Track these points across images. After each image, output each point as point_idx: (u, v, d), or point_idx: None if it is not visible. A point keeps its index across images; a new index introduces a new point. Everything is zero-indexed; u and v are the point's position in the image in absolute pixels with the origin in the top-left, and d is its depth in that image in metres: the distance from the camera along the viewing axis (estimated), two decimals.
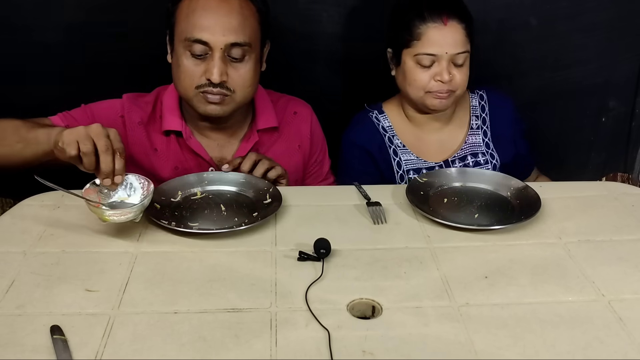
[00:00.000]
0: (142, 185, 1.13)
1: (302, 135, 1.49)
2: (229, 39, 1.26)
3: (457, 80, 1.41)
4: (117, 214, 1.06)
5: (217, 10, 1.26)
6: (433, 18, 1.37)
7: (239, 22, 1.27)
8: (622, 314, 0.91)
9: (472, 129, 1.55)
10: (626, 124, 1.90)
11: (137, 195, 1.12)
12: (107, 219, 1.06)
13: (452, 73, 1.39)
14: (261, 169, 1.28)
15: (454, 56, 1.39)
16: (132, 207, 1.07)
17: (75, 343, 0.83)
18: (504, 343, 0.85)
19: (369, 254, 1.05)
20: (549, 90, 1.80)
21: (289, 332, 0.86)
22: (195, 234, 1.09)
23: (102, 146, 1.07)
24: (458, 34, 1.38)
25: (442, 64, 1.39)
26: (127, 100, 1.40)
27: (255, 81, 1.34)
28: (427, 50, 1.38)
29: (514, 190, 1.25)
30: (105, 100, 1.40)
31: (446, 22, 1.37)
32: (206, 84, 1.27)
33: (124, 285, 0.96)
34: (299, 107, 1.50)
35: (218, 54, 1.26)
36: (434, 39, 1.38)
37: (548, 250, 1.07)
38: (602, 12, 1.71)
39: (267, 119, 1.43)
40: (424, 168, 1.51)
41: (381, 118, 1.54)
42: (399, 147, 1.52)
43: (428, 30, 1.37)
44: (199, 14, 1.26)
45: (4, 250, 1.05)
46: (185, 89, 1.30)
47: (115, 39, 1.60)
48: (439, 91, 1.42)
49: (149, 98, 1.42)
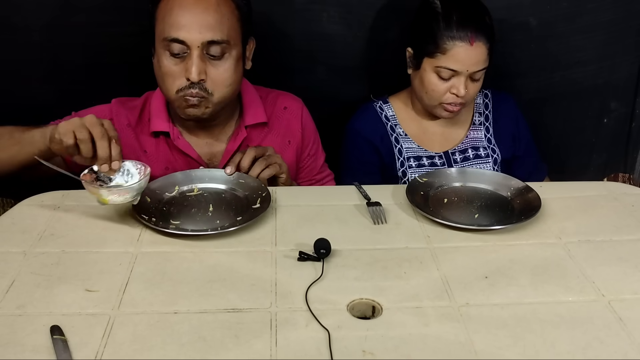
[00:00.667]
0: (139, 170, 1.15)
1: (293, 131, 1.48)
2: (206, 36, 1.25)
3: (470, 94, 1.46)
4: (115, 195, 1.09)
5: (194, 8, 1.26)
6: (461, 36, 1.39)
7: (216, 20, 1.26)
8: (622, 314, 0.91)
9: (474, 124, 1.58)
10: (627, 124, 1.90)
11: (135, 181, 1.14)
12: (106, 200, 1.08)
13: (467, 87, 1.42)
14: (257, 169, 1.27)
15: (474, 73, 1.42)
16: (131, 186, 1.10)
17: (75, 343, 0.83)
18: (504, 343, 0.85)
19: (369, 254, 1.05)
20: (549, 91, 1.80)
21: (289, 332, 0.86)
22: (192, 235, 1.09)
23: (98, 133, 1.09)
24: (482, 53, 1.41)
25: (460, 79, 1.43)
26: (115, 104, 1.41)
27: (235, 79, 1.33)
28: (450, 65, 1.41)
29: (514, 190, 1.25)
30: (93, 107, 1.40)
31: (473, 43, 1.39)
32: (186, 86, 1.27)
33: (124, 286, 0.96)
34: (289, 102, 1.50)
35: (196, 52, 1.25)
36: (459, 57, 1.40)
37: (548, 251, 1.07)
38: (603, 13, 1.70)
39: (255, 114, 1.43)
40: (425, 157, 1.54)
41: (385, 107, 1.58)
42: (400, 136, 1.55)
43: (454, 48, 1.40)
44: (175, 12, 1.25)
45: (4, 250, 1.05)
46: (168, 92, 1.31)
47: (116, 40, 1.60)
48: (452, 103, 1.46)
49: (137, 102, 1.43)
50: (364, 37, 1.67)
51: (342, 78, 1.73)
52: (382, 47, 1.66)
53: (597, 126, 1.88)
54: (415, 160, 1.54)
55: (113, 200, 1.09)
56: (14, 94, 1.63)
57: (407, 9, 1.54)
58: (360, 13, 1.65)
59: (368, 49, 1.69)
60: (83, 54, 1.61)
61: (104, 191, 1.09)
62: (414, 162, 1.54)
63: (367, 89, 1.69)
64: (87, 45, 1.60)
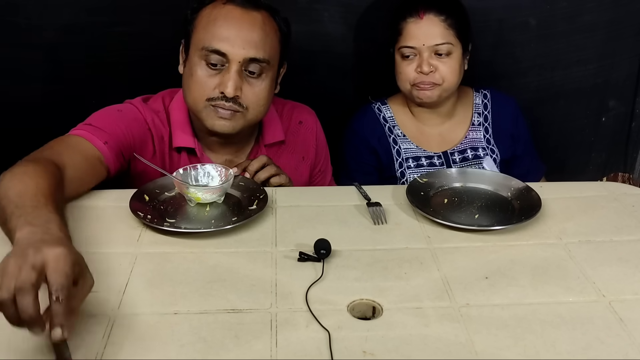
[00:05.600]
0: (219, 172, 1.20)
1: (307, 147, 1.47)
2: (249, 53, 1.22)
3: (442, 73, 1.47)
4: (207, 192, 1.15)
5: (240, 22, 1.23)
6: (411, 13, 1.45)
7: (261, 38, 1.24)
8: (622, 314, 0.91)
9: (473, 125, 1.58)
10: (626, 124, 1.90)
11: (216, 182, 1.20)
12: (199, 197, 1.15)
13: (433, 64, 1.44)
14: (265, 173, 1.26)
15: (434, 47, 1.44)
16: (221, 186, 1.16)
17: (75, 344, 0.83)
18: (504, 343, 0.85)
19: (369, 255, 1.05)
20: (548, 91, 1.81)
21: (289, 332, 0.86)
22: (192, 235, 1.09)
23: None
24: (435, 26, 1.44)
25: (422, 56, 1.46)
26: (143, 109, 1.32)
27: (268, 101, 1.30)
28: (406, 42, 1.46)
29: (514, 191, 1.25)
30: (123, 108, 1.32)
31: (422, 16, 1.44)
32: (218, 97, 1.24)
33: (124, 286, 0.95)
34: (304, 116, 1.48)
35: (235, 67, 1.22)
36: (412, 33, 1.45)
37: (548, 251, 1.07)
38: (602, 12, 1.71)
39: (274, 133, 1.41)
40: (423, 157, 1.55)
41: (383, 109, 1.59)
42: (398, 137, 1.56)
43: (407, 25, 1.45)
44: (219, 23, 1.22)
45: (4, 251, 1.04)
46: (195, 101, 1.26)
47: (117, 40, 1.60)
48: (422, 83, 1.47)
49: (158, 106, 1.36)
50: (365, 37, 1.67)
51: (342, 78, 1.73)
52: (383, 47, 1.66)
53: (596, 125, 1.89)
54: (414, 161, 1.54)
55: (205, 198, 1.15)
56: (15, 93, 1.63)
57: None
58: (360, 13, 1.65)
59: (368, 49, 1.69)
60: (84, 54, 1.61)
61: (197, 190, 1.15)
62: (413, 162, 1.54)
63: (367, 89, 1.69)
64: (89, 45, 1.60)
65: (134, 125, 1.30)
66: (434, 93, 1.48)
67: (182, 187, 1.15)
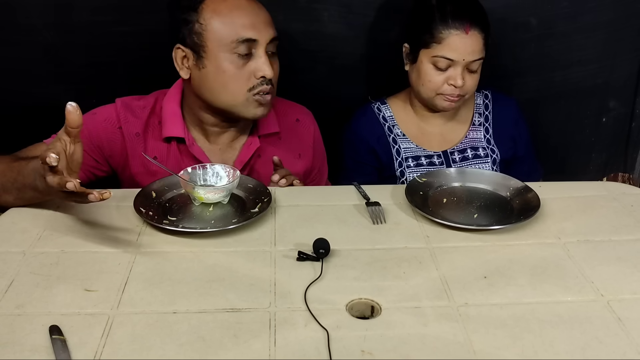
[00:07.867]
0: (228, 173, 1.21)
1: (304, 146, 1.48)
2: (270, 32, 1.27)
3: (468, 86, 1.47)
4: (211, 193, 1.16)
5: (252, 7, 1.26)
6: (456, 25, 1.41)
7: (270, 17, 1.29)
8: (621, 314, 0.91)
9: (474, 125, 1.59)
10: (626, 124, 1.90)
11: (224, 182, 1.20)
12: (202, 197, 1.15)
13: (464, 78, 1.42)
14: (287, 181, 1.29)
15: (470, 63, 1.43)
16: (225, 186, 1.17)
17: (74, 343, 0.83)
18: (502, 343, 0.85)
19: (368, 254, 1.05)
20: (549, 91, 1.80)
21: (288, 332, 0.86)
22: (192, 234, 1.09)
23: None
24: (477, 43, 1.42)
25: (457, 69, 1.43)
26: (121, 107, 1.36)
27: None
28: (446, 54, 1.42)
29: (513, 191, 1.25)
30: (98, 111, 1.36)
31: (468, 32, 1.40)
32: (259, 83, 1.26)
33: (123, 285, 0.96)
34: (301, 115, 1.50)
35: (262, 49, 1.25)
36: (455, 46, 1.41)
37: (547, 251, 1.07)
38: (603, 13, 1.71)
39: (269, 124, 1.42)
40: (423, 156, 1.55)
41: (383, 108, 1.59)
42: (398, 136, 1.56)
43: (450, 36, 1.41)
44: (237, 14, 1.24)
45: (4, 250, 1.05)
46: (235, 95, 1.27)
47: (118, 39, 1.60)
48: (450, 94, 1.46)
49: (144, 102, 1.38)
50: (365, 37, 1.67)
51: (342, 78, 1.73)
52: (383, 47, 1.66)
53: (596, 125, 1.88)
54: (414, 160, 1.54)
55: (208, 198, 1.16)
56: (15, 93, 1.63)
57: (408, 9, 1.55)
58: (361, 13, 1.65)
59: (368, 49, 1.69)
60: (85, 54, 1.61)
61: (201, 190, 1.14)
62: (412, 162, 1.54)
63: (367, 89, 1.69)
64: (91, 45, 1.60)
65: (101, 127, 1.35)
66: (458, 103, 1.50)
67: (187, 186, 1.16)
